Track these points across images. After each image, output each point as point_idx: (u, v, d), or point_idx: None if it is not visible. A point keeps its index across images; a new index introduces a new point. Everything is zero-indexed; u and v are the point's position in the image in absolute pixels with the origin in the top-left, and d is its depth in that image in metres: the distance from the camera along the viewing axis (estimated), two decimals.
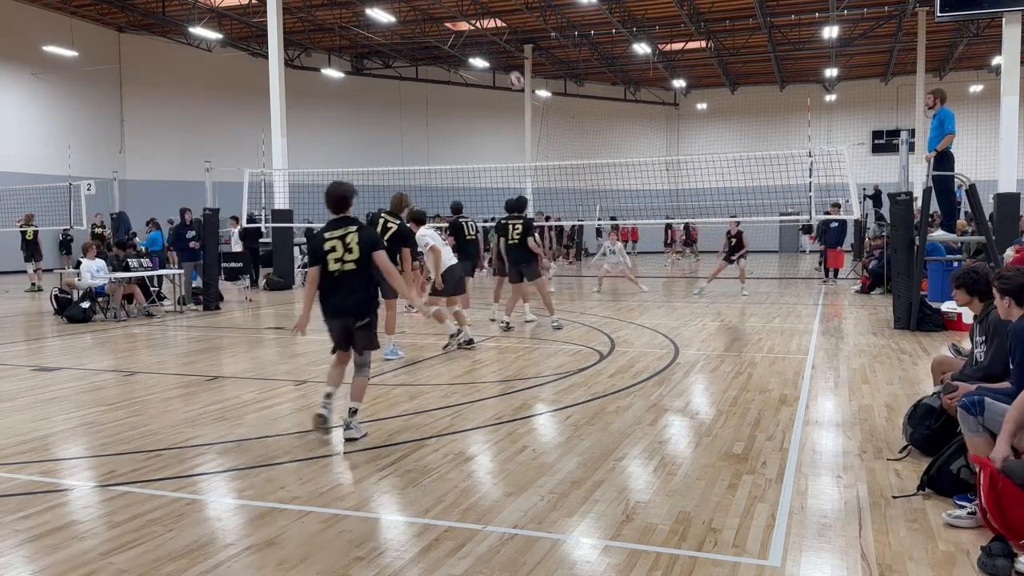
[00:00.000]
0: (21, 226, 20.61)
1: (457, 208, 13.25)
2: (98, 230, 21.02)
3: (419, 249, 9.88)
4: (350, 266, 5.73)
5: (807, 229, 31.48)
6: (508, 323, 11.65)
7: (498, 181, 20.43)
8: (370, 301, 5.88)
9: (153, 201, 27.60)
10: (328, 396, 5.86)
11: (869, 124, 36.77)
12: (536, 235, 11.70)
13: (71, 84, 28.03)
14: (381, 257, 5.86)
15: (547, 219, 26.82)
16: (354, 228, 5.80)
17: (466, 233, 12.40)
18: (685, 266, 29.07)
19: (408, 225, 8.89)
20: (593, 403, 6.88)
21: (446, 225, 13.51)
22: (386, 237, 8.15)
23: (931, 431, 5.04)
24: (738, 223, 17.05)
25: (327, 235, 5.79)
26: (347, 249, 5.73)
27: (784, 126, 37.09)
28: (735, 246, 16.82)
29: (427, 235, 9.96)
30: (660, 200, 24.24)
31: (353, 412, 5.80)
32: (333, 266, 5.73)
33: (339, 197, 5.94)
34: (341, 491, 4.71)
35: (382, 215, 8.72)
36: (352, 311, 5.76)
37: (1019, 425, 3.99)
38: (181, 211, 16.23)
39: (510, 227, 11.51)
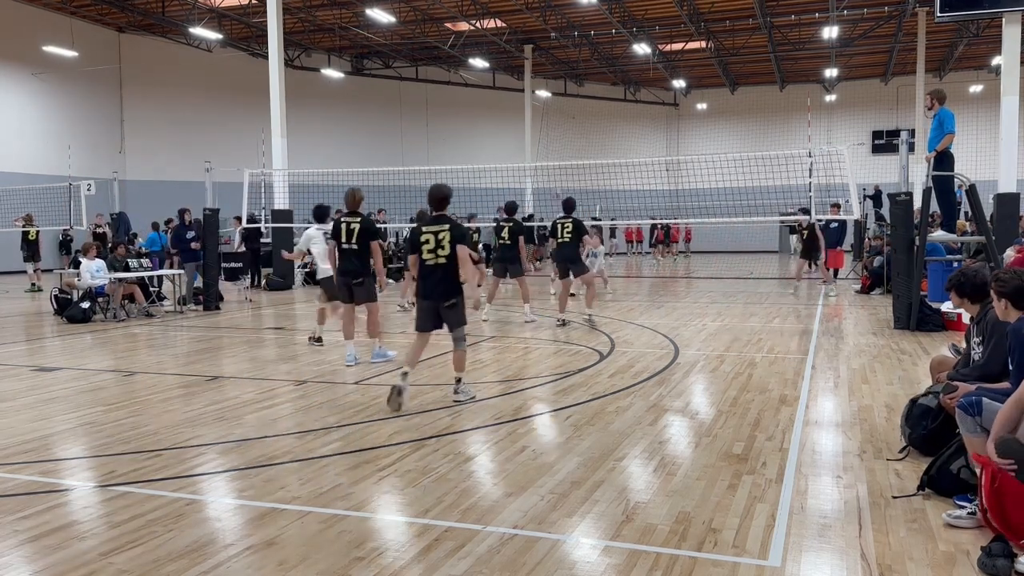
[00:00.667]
0: (23, 226, 20.60)
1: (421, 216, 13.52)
2: (99, 230, 21.01)
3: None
4: (441, 260, 6.75)
5: (793, 229, 31.16)
6: (563, 320, 12.01)
7: (498, 181, 20.44)
8: (456, 287, 6.83)
9: (153, 201, 27.58)
10: (404, 375, 6.76)
11: (869, 124, 36.78)
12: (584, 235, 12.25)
13: (71, 84, 28.04)
14: (463, 251, 6.77)
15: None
16: (447, 226, 6.78)
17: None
18: (683, 266, 29.08)
19: (373, 217, 9.29)
20: (593, 403, 6.88)
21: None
22: (353, 239, 8.42)
23: (928, 431, 5.04)
24: (807, 213, 16.31)
25: (424, 229, 6.82)
26: (439, 245, 6.73)
27: (784, 126, 37.10)
28: (807, 242, 16.14)
29: (314, 237, 10.37)
30: (660, 200, 24.22)
31: (458, 380, 6.98)
32: (426, 256, 6.78)
33: (440, 198, 6.90)
34: (341, 491, 4.71)
35: (342, 220, 8.62)
36: (441, 296, 6.79)
37: (1009, 426, 4.00)
38: (180, 212, 16.23)
39: (560, 226, 11.95)
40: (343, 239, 8.54)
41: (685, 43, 31.69)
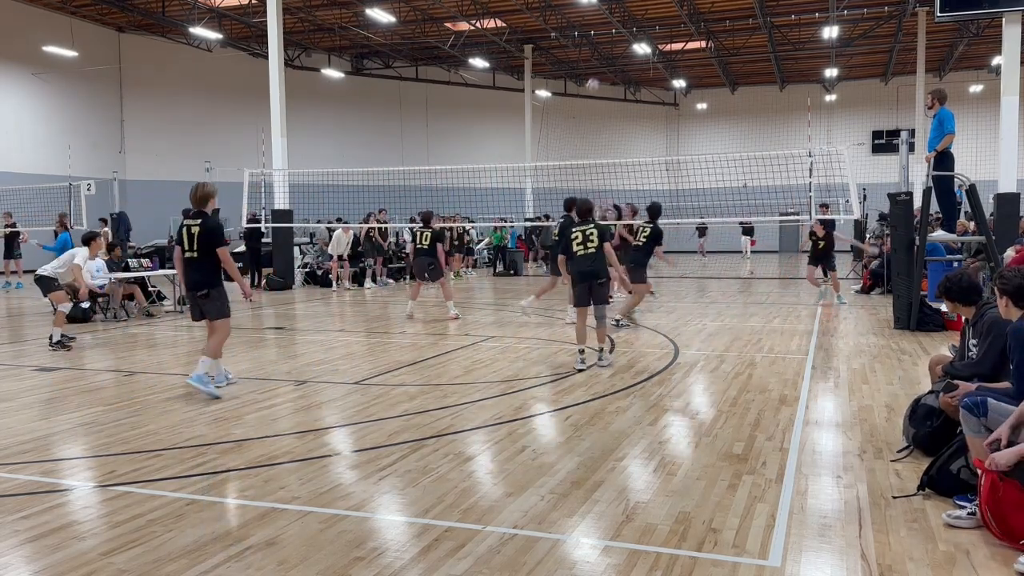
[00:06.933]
0: (7, 224, 20.64)
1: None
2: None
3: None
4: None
5: (748, 231, 30.63)
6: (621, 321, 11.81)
7: (498, 181, 20.45)
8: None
9: (153, 201, 27.61)
10: (581, 352, 8.52)
11: (869, 124, 36.78)
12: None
13: (71, 84, 28.02)
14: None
15: (547, 218, 26.89)
16: (592, 226, 8.67)
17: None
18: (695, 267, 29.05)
19: (217, 220, 7.99)
20: (593, 403, 6.88)
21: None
22: (194, 245, 7.47)
23: (933, 429, 5.03)
24: (827, 208, 14.57)
25: (574, 230, 8.65)
26: (588, 239, 8.58)
27: (784, 126, 37.08)
28: (820, 247, 14.47)
29: (77, 253, 11.23)
30: (660, 200, 24.24)
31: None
32: (577, 248, 8.57)
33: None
34: (341, 491, 4.71)
35: (184, 223, 7.67)
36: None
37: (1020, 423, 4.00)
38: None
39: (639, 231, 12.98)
40: (185, 246, 7.51)
41: (685, 43, 31.67)
